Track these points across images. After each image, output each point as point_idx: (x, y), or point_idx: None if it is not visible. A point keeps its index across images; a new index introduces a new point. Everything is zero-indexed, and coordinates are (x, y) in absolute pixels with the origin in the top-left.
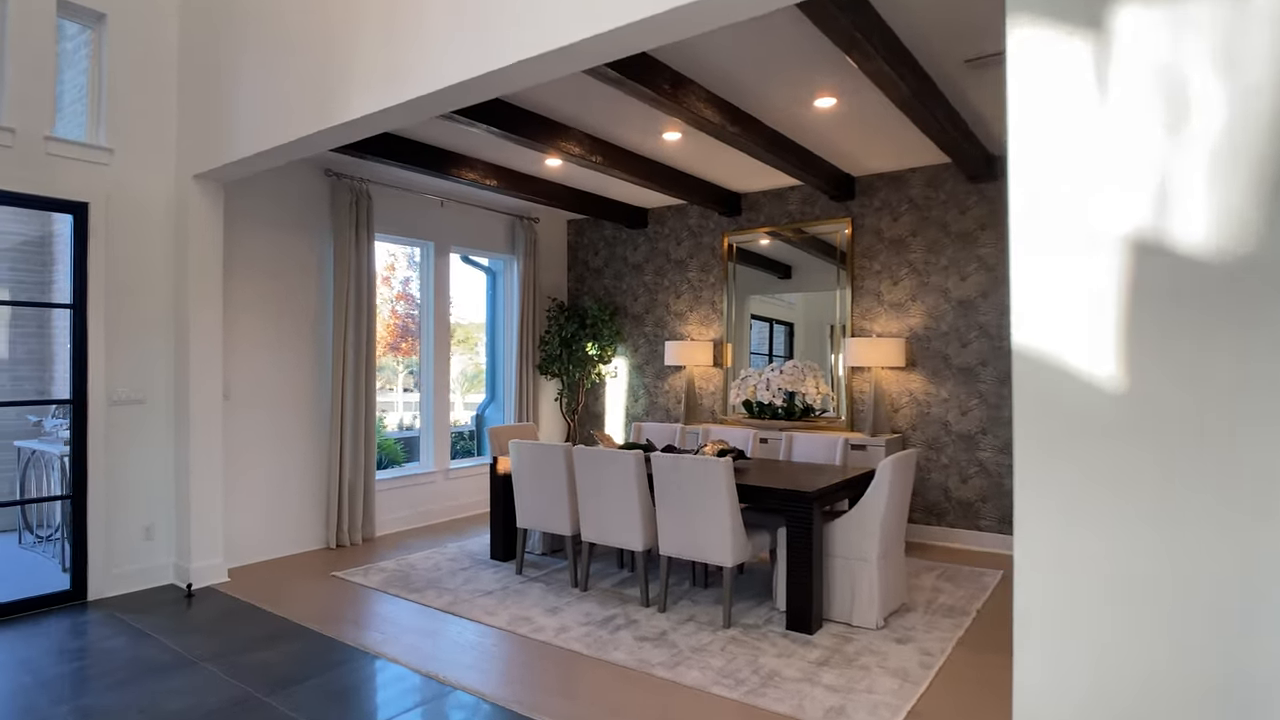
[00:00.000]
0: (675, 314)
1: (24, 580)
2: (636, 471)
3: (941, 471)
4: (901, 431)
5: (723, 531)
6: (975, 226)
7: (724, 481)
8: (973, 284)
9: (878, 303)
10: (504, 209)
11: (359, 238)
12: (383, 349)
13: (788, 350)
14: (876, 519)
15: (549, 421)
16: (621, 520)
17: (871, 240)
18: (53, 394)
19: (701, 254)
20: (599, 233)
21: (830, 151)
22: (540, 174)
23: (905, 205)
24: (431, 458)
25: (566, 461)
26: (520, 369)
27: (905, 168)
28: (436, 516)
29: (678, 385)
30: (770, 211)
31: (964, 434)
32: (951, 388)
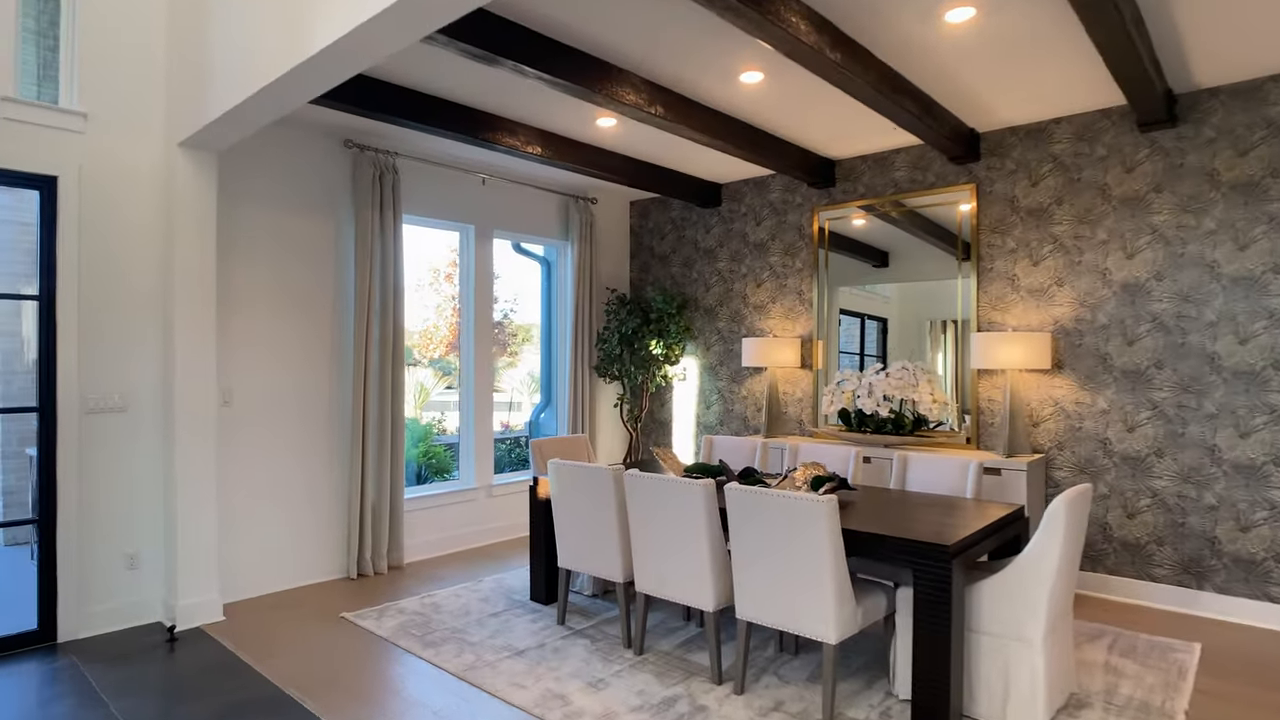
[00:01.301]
0: (754, 306)
1: (7, 611)
2: (706, 510)
3: (1099, 503)
4: (1044, 451)
5: (823, 596)
6: (1147, 188)
7: (826, 530)
8: (1143, 262)
9: (1012, 289)
10: (556, 187)
11: (384, 219)
12: (445, 348)
13: (880, 350)
14: (1043, 584)
15: (607, 431)
16: (686, 569)
17: (1003, 211)
18: None
19: (786, 234)
20: (665, 214)
21: (955, 95)
22: (592, 139)
23: (1048, 165)
24: (472, 472)
25: (616, 490)
26: (574, 371)
27: (1048, 118)
28: (475, 540)
29: (757, 390)
30: (871, 181)
31: (1130, 456)
32: (1113, 396)
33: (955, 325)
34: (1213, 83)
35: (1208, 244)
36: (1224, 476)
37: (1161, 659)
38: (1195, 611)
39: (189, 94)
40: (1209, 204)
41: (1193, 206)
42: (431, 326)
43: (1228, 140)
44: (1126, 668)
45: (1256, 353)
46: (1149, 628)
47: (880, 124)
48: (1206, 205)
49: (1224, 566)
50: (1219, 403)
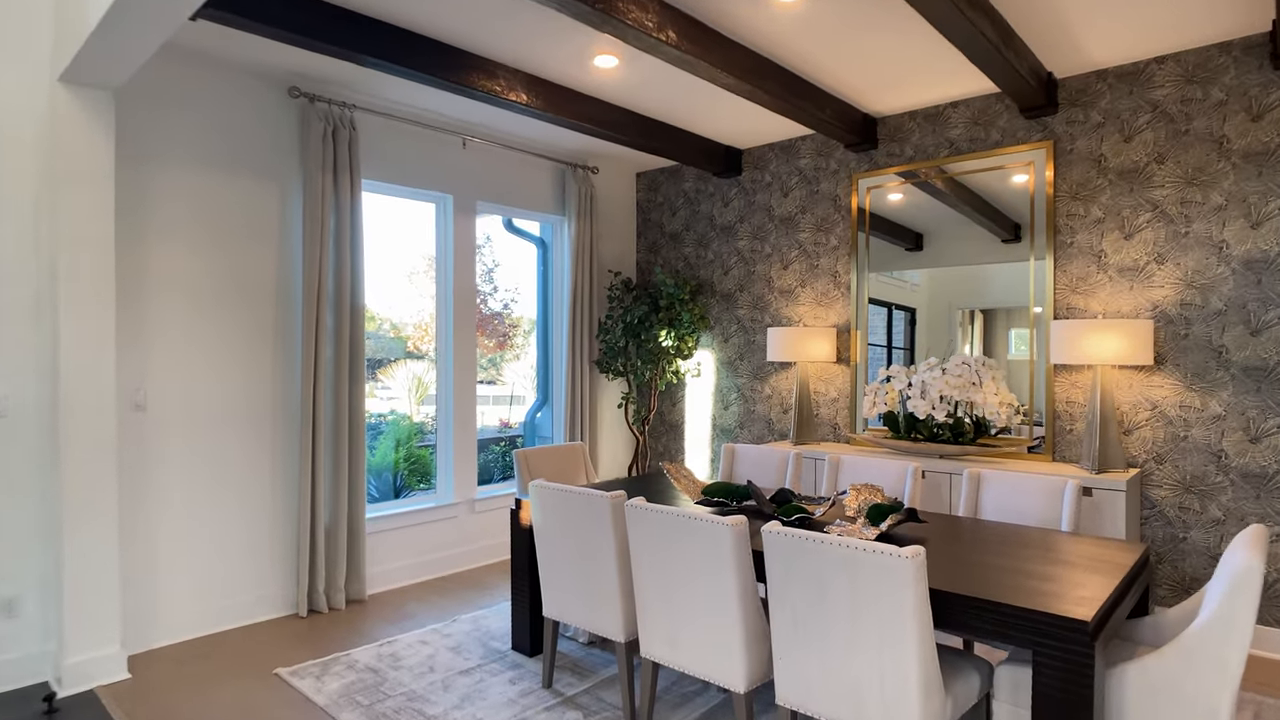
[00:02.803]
0: (780, 291)
1: None
2: (736, 556)
3: (1209, 529)
4: (1139, 465)
5: (905, 685)
6: (1279, 139)
7: (912, 598)
8: (1274, 231)
9: (1097, 267)
10: (550, 153)
11: (339, 185)
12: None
13: (908, 342)
14: (1228, 677)
15: (610, 435)
16: (707, 633)
17: (1087, 173)
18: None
19: (819, 206)
20: (676, 186)
21: (1039, 23)
22: (590, 88)
23: (1146, 115)
24: (450, 484)
25: (615, 523)
26: (572, 366)
27: (1149, 56)
28: (455, 563)
29: (784, 388)
30: (921, 141)
31: (1254, 473)
32: (1230, 398)
33: (982, 315)
34: None
35: None
36: None
37: None
38: None
39: (72, 13)
40: None
41: None
42: (430, 316)
43: None
44: None
45: None
46: (1272, 685)
47: (939, 69)
48: None
49: None
50: None
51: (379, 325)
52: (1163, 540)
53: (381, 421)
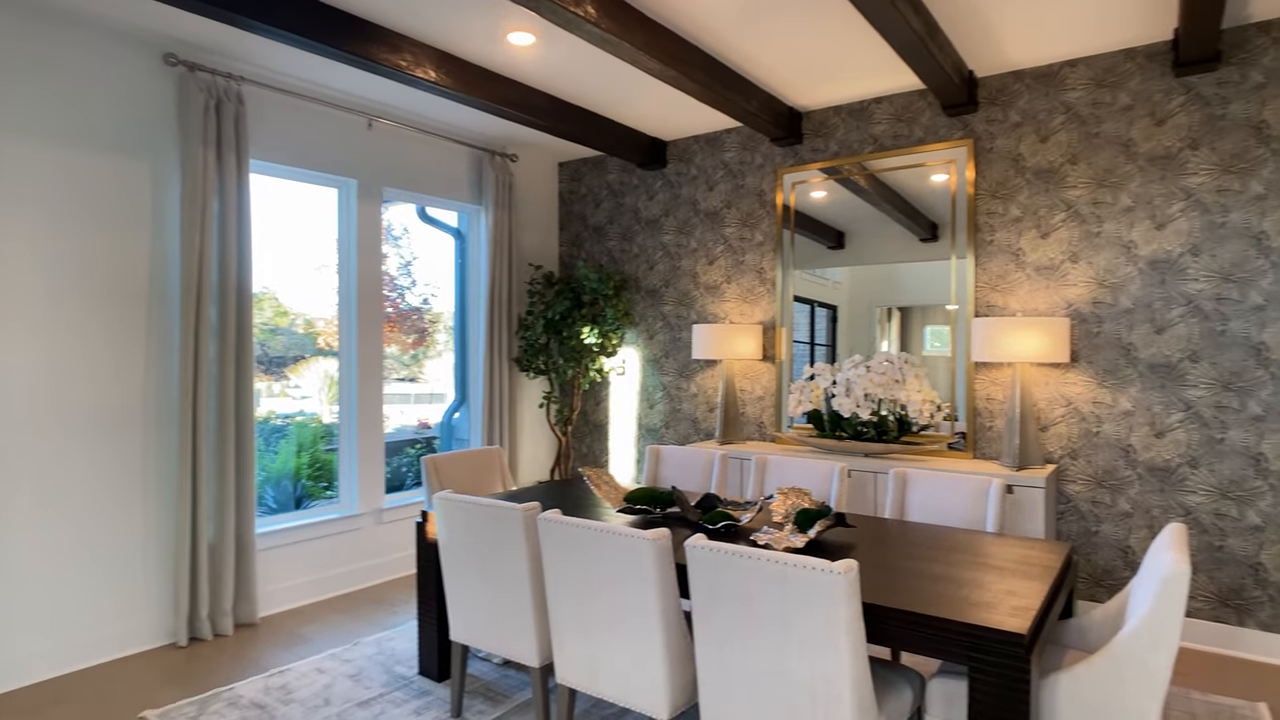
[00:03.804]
0: (706, 287)
1: None
2: (658, 573)
3: (1119, 522)
4: (1056, 461)
5: (836, 706)
6: (1181, 144)
7: (844, 617)
8: (1175, 233)
9: (1016, 265)
10: (466, 138)
11: (224, 164)
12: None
13: (830, 339)
14: (1156, 687)
15: (531, 437)
16: (628, 656)
17: (1005, 172)
18: None
19: (744, 201)
20: (600, 177)
21: (962, 20)
22: (506, 68)
23: (1060, 116)
24: (355, 493)
25: (528, 538)
26: (490, 364)
27: (1061, 59)
28: (360, 579)
29: (710, 386)
30: (846, 137)
31: (1158, 466)
32: (1138, 394)
33: (899, 312)
34: (1268, 14)
35: (1254, 211)
36: (1271, 491)
37: None
38: (1237, 652)
39: None
40: (1256, 163)
41: (1236, 166)
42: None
43: (1279, 87)
44: None
45: None
46: (1192, 677)
47: (865, 63)
48: (1253, 165)
49: (1270, 599)
50: (1266, 403)
51: (291, 320)
52: (1077, 534)
53: (289, 424)
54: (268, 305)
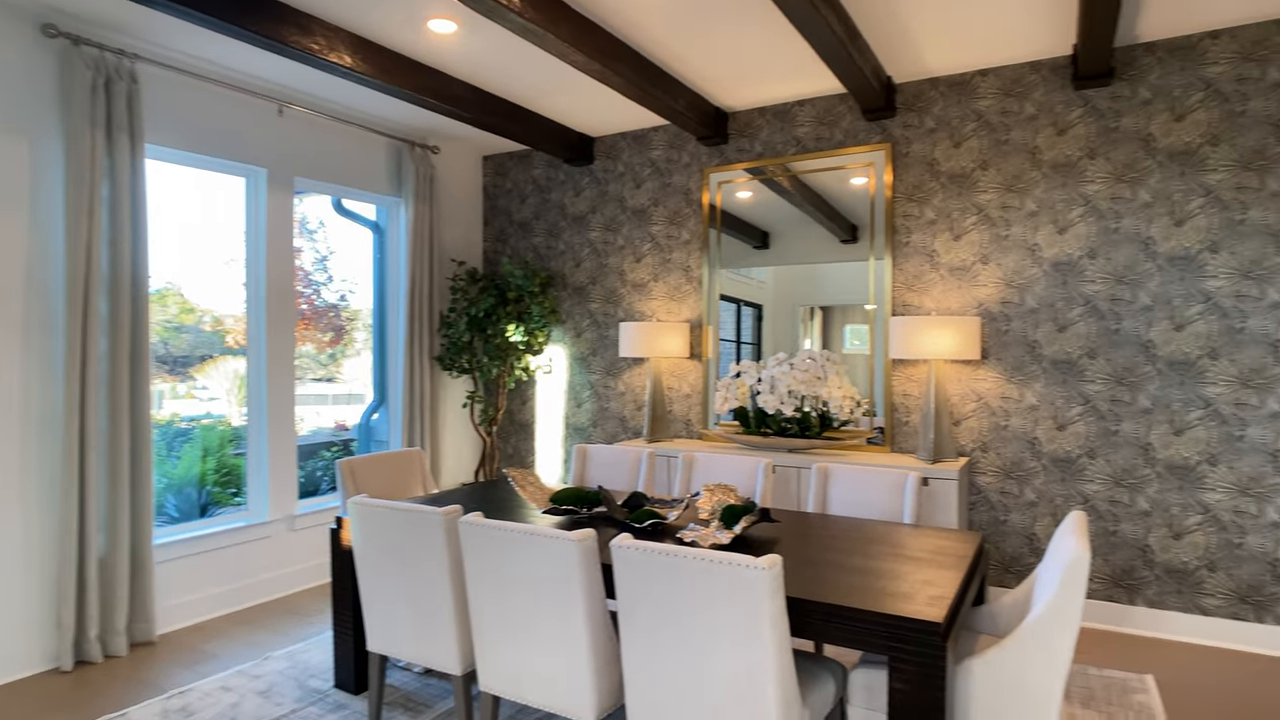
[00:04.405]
0: (633, 285)
1: None
2: (583, 573)
3: (1025, 511)
4: (968, 454)
5: (762, 702)
6: (1080, 153)
7: (768, 612)
8: (1075, 237)
9: (930, 266)
10: (385, 127)
11: (115, 146)
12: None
13: (756, 338)
14: (1059, 667)
15: (455, 438)
16: (554, 660)
17: (921, 176)
18: None
19: (671, 199)
20: (526, 172)
21: (883, 24)
22: (428, 56)
23: (972, 124)
24: (265, 499)
25: (448, 543)
26: (410, 363)
27: (973, 68)
28: (271, 591)
29: (638, 384)
30: (770, 138)
31: (1061, 457)
32: (1042, 390)
33: (822, 311)
34: (1154, 35)
35: (1143, 218)
36: (1157, 479)
37: (1123, 703)
38: (1128, 629)
39: None
40: (1145, 173)
41: (1128, 176)
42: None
43: (1164, 102)
44: None
45: (1192, 340)
46: (1089, 654)
47: (788, 64)
48: (1142, 175)
49: (1156, 578)
50: (1154, 396)
51: (198, 318)
52: (987, 524)
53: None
54: (172, 301)
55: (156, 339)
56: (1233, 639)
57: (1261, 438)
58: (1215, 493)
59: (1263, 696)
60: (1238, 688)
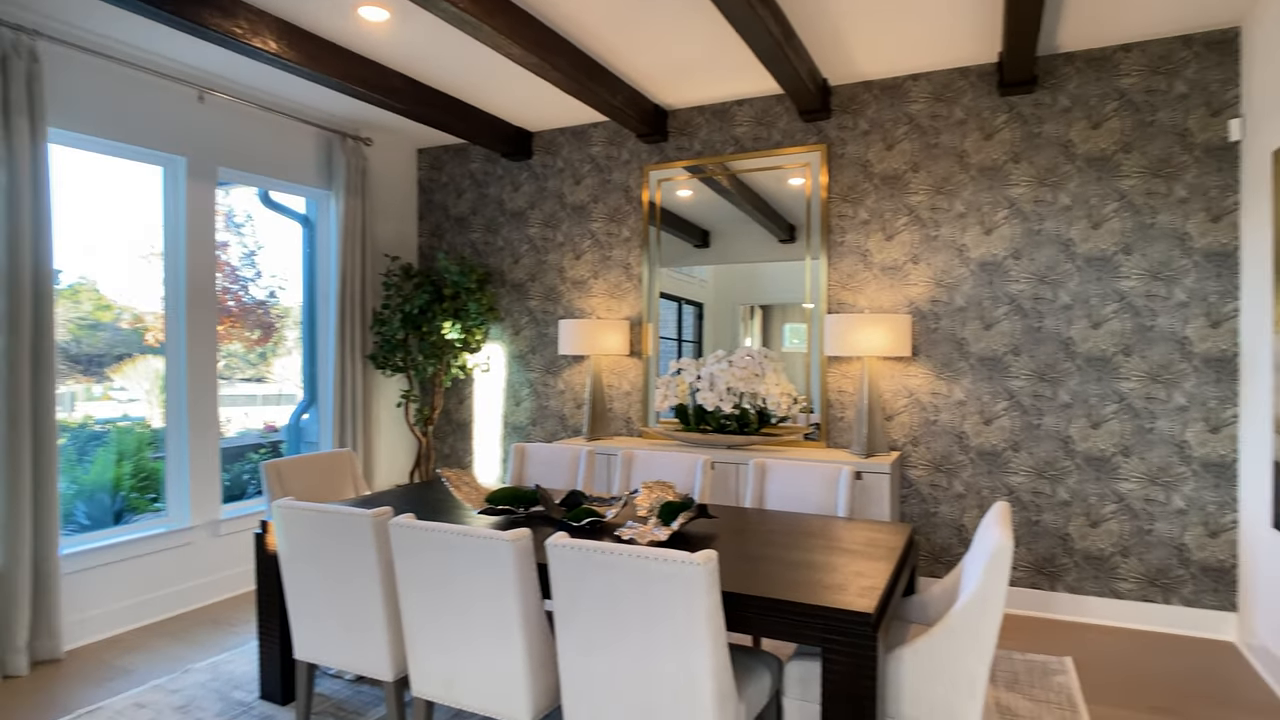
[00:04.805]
0: (573, 282)
1: None
2: (518, 574)
3: (954, 503)
4: (899, 449)
5: (698, 699)
6: (1005, 157)
7: (705, 605)
8: (1001, 239)
9: (864, 265)
10: (314, 117)
11: (12, 129)
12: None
13: (696, 336)
14: (984, 650)
15: (389, 439)
16: (488, 663)
17: (855, 177)
18: None
19: (611, 196)
20: (463, 166)
21: (818, 26)
22: (358, 44)
23: (904, 127)
24: (186, 505)
25: (378, 545)
26: (342, 361)
27: (905, 73)
28: (193, 600)
29: (577, 383)
30: (709, 137)
31: (987, 451)
32: (970, 385)
33: (762, 310)
34: (1073, 46)
35: (1063, 221)
36: (1076, 470)
37: (1044, 684)
38: (1050, 614)
39: None
40: (1065, 178)
41: (1049, 180)
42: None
43: (1082, 110)
44: (1019, 706)
45: (1107, 338)
46: (1013, 639)
47: (726, 63)
48: (1062, 179)
49: (1075, 565)
50: (1073, 391)
51: (116, 315)
52: (918, 516)
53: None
54: (86, 297)
55: (68, 337)
56: (1143, 620)
57: (1169, 430)
58: (1128, 482)
59: (1169, 673)
60: (1147, 665)
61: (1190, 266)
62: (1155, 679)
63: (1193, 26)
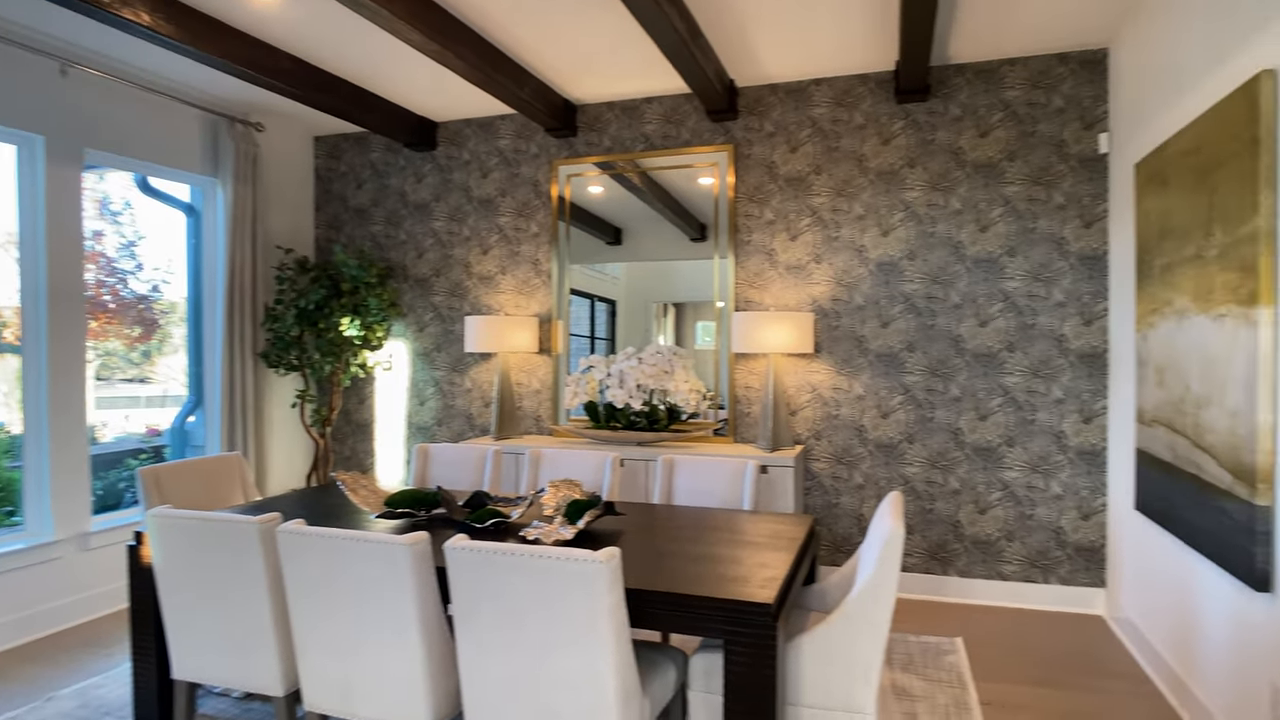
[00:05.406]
0: (480, 278)
1: None
2: (415, 578)
3: (854, 494)
4: (803, 442)
5: (602, 697)
6: (901, 162)
7: (607, 603)
8: (897, 240)
9: (769, 264)
10: (197, 99)
11: None
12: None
13: (609, 333)
14: (878, 636)
15: (284, 441)
16: (386, 670)
17: (761, 178)
18: None
19: (519, 190)
20: (363, 155)
21: (723, 26)
22: (249, 24)
23: (807, 130)
24: (48, 517)
25: (265, 554)
26: (230, 359)
27: (809, 77)
28: (59, 620)
29: (485, 381)
30: (619, 133)
31: (885, 443)
32: (868, 381)
33: (675, 308)
34: (963, 59)
35: (954, 224)
36: (966, 460)
37: (937, 664)
38: (943, 598)
39: None
40: (955, 183)
41: (941, 185)
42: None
43: (971, 120)
44: (913, 686)
45: (993, 335)
46: (908, 622)
47: (634, 59)
48: (953, 184)
49: (965, 550)
50: (962, 386)
51: None
52: (821, 507)
53: None
54: None
55: None
56: (1026, 599)
57: (1049, 421)
58: (1012, 471)
59: (1047, 647)
60: (1028, 642)
61: (1067, 269)
62: (1035, 654)
63: (1068, 46)
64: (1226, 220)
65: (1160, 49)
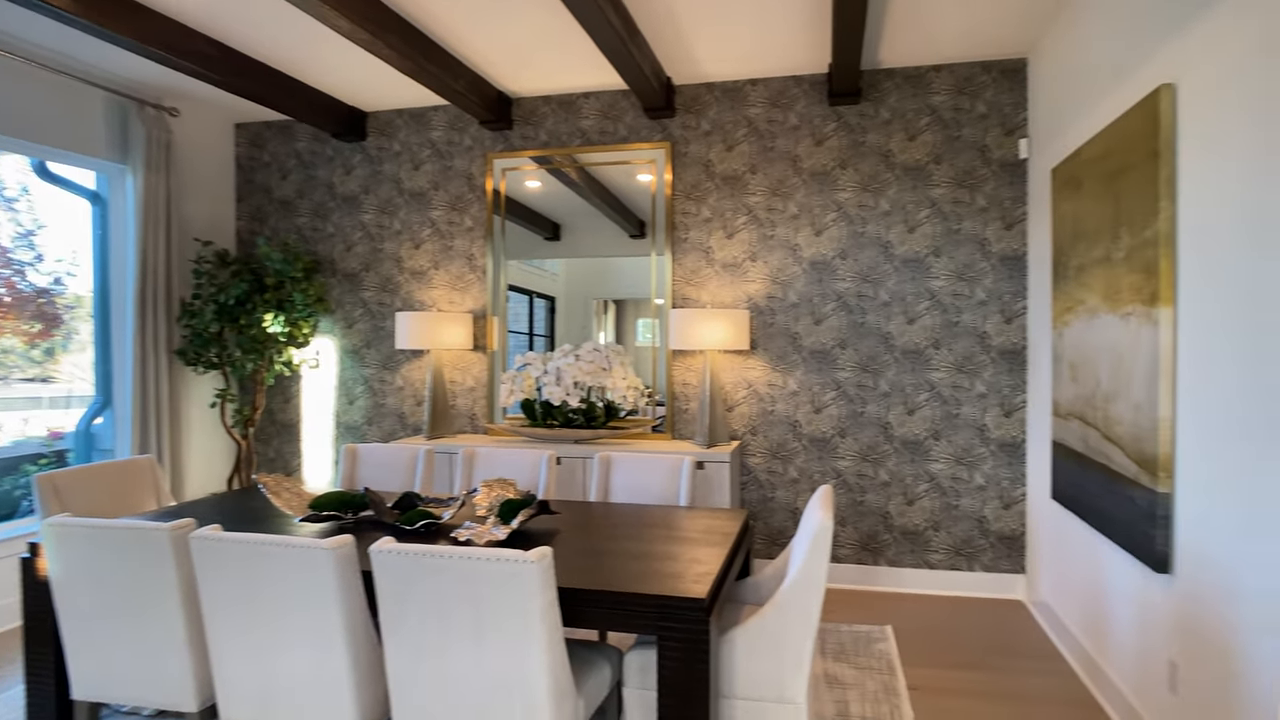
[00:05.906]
0: (412, 273)
1: None
2: (339, 584)
3: (789, 488)
4: (739, 438)
5: (535, 693)
6: (834, 163)
7: (539, 603)
8: (830, 240)
9: (706, 262)
10: (106, 82)
11: None
12: None
13: (549, 330)
14: (809, 627)
15: (203, 443)
16: (309, 677)
17: (698, 176)
18: None
19: (453, 184)
20: (288, 145)
21: (660, 24)
22: (162, 3)
23: (743, 129)
24: None
25: (177, 562)
26: (142, 357)
27: (745, 77)
28: None
29: (417, 379)
30: (556, 128)
31: (818, 437)
32: (802, 377)
33: (615, 304)
34: (893, 63)
35: (883, 224)
36: (895, 453)
37: (868, 653)
38: (874, 587)
39: None
40: (885, 185)
41: (872, 186)
42: None
43: (900, 123)
44: (844, 674)
45: (920, 332)
46: (840, 612)
47: (570, 53)
48: (883, 186)
49: (894, 540)
50: (891, 381)
51: None
52: (757, 501)
53: None
54: None
55: None
56: (952, 587)
57: (972, 415)
58: (939, 463)
59: (971, 632)
60: (954, 627)
61: (989, 269)
62: (960, 639)
63: (990, 54)
64: (1132, 224)
65: (1074, 59)
